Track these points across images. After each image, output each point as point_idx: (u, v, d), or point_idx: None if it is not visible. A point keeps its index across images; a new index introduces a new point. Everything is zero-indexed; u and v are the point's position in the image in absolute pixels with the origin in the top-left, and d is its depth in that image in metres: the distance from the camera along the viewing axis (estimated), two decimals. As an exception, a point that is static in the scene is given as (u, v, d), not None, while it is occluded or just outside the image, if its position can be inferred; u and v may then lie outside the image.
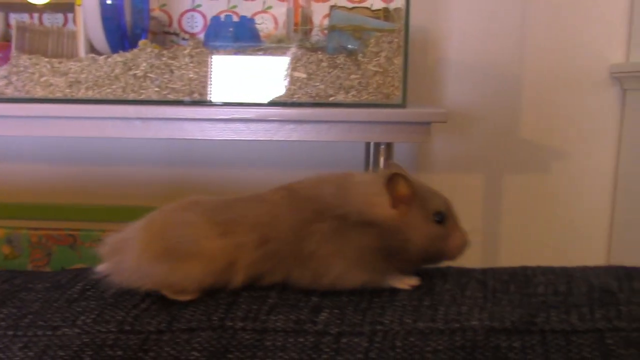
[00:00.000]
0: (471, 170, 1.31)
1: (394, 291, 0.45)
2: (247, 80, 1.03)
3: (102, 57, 1.02)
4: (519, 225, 1.31)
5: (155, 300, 0.45)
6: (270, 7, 1.23)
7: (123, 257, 0.45)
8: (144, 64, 1.02)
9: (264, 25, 1.22)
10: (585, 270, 0.46)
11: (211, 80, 1.03)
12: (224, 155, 1.32)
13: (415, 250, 0.45)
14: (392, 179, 0.45)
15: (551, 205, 1.30)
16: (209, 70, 1.03)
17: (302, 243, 0.44)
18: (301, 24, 1.19)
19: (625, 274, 0.45)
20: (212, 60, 1.02)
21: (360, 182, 0.47)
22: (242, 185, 1.29)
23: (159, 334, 0.41)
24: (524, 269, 0.47)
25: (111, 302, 0.45)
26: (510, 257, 1.30)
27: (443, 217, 0.47)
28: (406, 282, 0.46)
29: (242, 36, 1.05)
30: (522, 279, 0.45)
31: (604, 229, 1.31)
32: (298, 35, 1.18)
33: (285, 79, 1.04)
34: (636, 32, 1.25)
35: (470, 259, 0.50)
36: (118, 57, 1.02)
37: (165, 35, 1.22)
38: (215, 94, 1.03)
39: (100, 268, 0.47)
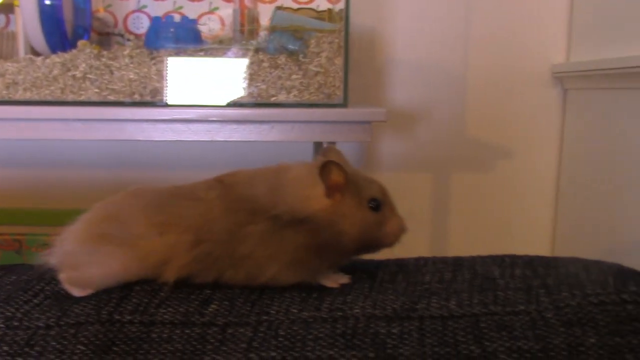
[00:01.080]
0: (419, 169, 1.33)
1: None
2: (188, 81, 1.03)
3: (40, 58, 1.01)
4: (466, 222, 1.33)
5: (49, 295, 0.45)
6: (216, 8, 1.23)
7: (62, 244, 0.46)
8: (83, 65, 1.01)
9: (210, 26, 1.22)
10: (474, 259, 0.47)
11: (152, 81, 1.03)
12: (170, 157, 1.32)
13: (349, 240, 0.45)
14: (325, 168, 0.44)
15: (497, 202, 1.33)
16: (149, 71, 1.02)
17: (236, 245, 0.44)
18: (247, 25, 1.20)
19: (510, 262, 0.47)
20: (152, 61, 1.02)
21: (293, 176, 0.47)
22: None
23: (47, 329, 0.41)
24: (417, 259, 0.49)
25: (3, 298, 0.44)
26: (457, 254, 1.32)
27: (378, 204, 0.46)
28: (336, 281, 0.46)
29: (183, 37, 1.05)
30: (411, 269, 0.46)
31: (548, 225, 1.34)
32: (244, 36, 1.19)
33: (226, 80, 1.04)
34: (576, 32, 1.28)
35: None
36: (56, 58, 1.01)
37: (110, 36, 1.21)
38: (156, 94, 1.03)
39: (46, 252, 0.47)
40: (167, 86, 1.03)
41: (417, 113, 1.31)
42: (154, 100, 1.03)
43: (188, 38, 1.06)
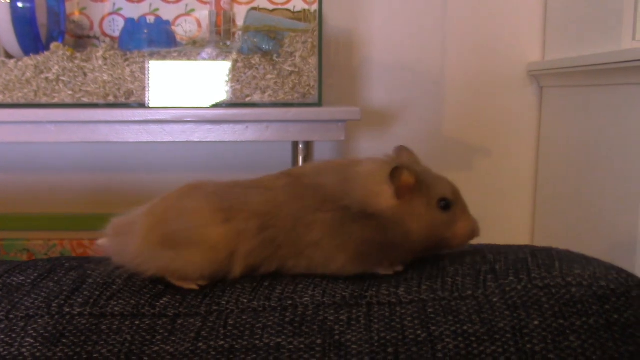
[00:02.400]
0: (397, 168, 1.33)
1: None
2: (162, 82, 1.03)
3: (12, 61, 1.01)
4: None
5: (1, 288, 0.45)
6: (192, 10, 1.24)
7: (126, 241, 0.45)
8: (56, 67, 1.01)
9: (185, 27, 1.22)
10: (427, 249, 0.48)
11: (126, 83, 1.03)
12: (148, 159, 1.31)
13: (416, 240, 0.45)
14: (395, 172, 0.44)
15: (476, 200, 1.33)
16: (123, 72, 1.03)
17: (303, 232, 0.43)
18: (224, 27, 1.20)
19: (461, 250, 0.47)
20: (126, 62, 1.02)
21: (365, 170, 0.46)
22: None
23: (-4, 323, 0.41)
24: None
25: (-46, 294, 0.44)
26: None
27: (448, 203, 0.46)
28: (392, 269, 0.45)
29: (157, 38, 1.05)
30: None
31: (527, 221, 1.34)
32: (221, 37, 1.19)
33: (200, 80, 1.04)
34: (551, 31, 1.30)
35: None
36: (29, 61, 1.01)
37: (85, 39, 1.21)
38: (130, 96, 1.03)
39: (101, 242, 0.46)
40: (141, 88, 1.03)
41: (395, 113, 1.32)
42: (129, 101, 1.03)
43: (162, 39, 1.06)
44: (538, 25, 1.31)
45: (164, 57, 1.03)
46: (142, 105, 1.03)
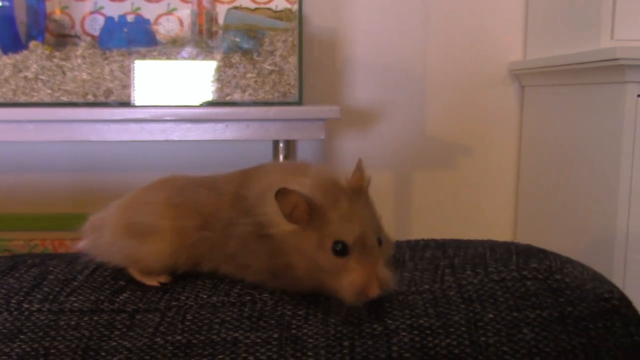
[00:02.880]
0: (380, 167, 1.34)
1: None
2: (141, 80, 1.03)
3: (-10, 60, 1.01)
4: (429, 219, 1.34)
5: (-39, 287, 0.45)
6: (174, 9, 1.23)
7: (100, 234, 0.46)
8: (35, 66, 1.01)
9: (167, 26, 1.22)
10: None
11: (105, 82, 1.02)
12: (129, 159, 1.31)
13: (300, 277, 0.40)
14: (279, 195, 0.39)
15: (458, 198, 1.34)
16: (102, 71, 1.02)
17: (225, 242, 0.43)
18: (205, 26, 1.20)
19: (423, 245, 0.47)
20: (105, 61, 1.02)
21: (274, 185, 0.41)
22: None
23: (-45, 319, 0.41)
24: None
25: None
26: (420, 251, 1.33)
27: (344, 249, 0.39)
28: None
29: (137, 37, 1.05)
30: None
31: (509, 219, 1.35)
32: (203, 36, 1.19)
33: (180, 79, 1.04)
34: (532, 31, 1.30)
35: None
36: (7, 59, 1.00)
37: (67, 38, 1.21)
38: (110, 95, 1.03)
39: (80, 245, 0.47)
40: (120, 86, 1.03)
41: (377, 112, 1.32)
42: (108, 100, 1.03)
43: (142, 38, 1.06)
44: (519, 25, 1.32)
45: (143, 56, 1.03)
46: (121, 104, 1.03)
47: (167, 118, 1.01)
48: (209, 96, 1.04)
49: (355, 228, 0.39)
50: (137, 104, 1.02)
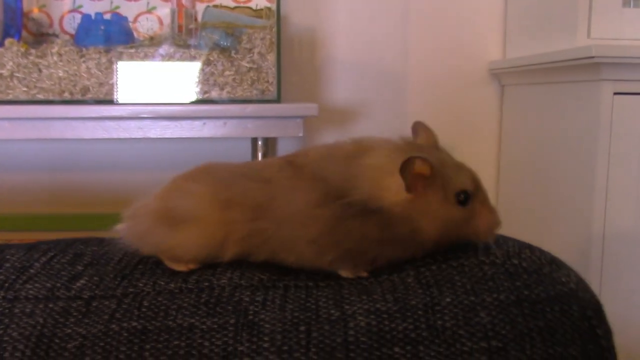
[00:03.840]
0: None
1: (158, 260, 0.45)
2: (118, 78, 1.02)
3: (-35, 57, 1.00)
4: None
5: None
6: (154, 8, 1.23)
7: (136, 221, 0.45)
8: (10, 63, 1.00)
9: (146, 25, 1.21)
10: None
11: (82, 79, 1.02)
12: (106, 157, 1.30)
13: (428, 238, 0.41)
14: (406, 165, 0.39)
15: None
16: (79, 69, 1.02)
17: (297, 227, 0.41)
18: (185, 24, 1.19)
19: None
20: (82, 59, 1.01)
21: (371, 163, 0.42)
22: (132, 188, 1.28)
23: None
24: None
25: None
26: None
27: (467, 197, 0.41)
28: (355, 273, 0.42)
29: (114, 35, 1.04)
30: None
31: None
32: (182, 35, 1.19)
33: (158, 77, 1.04)
34: (511, 30, 1.31)
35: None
36: (-18, 57, 1.00)
37: (45, 36, 1.20)
38: (86, 92, 1.02)
39: (118, 227, 0.46)
40: (97, 84, 1.02)
41: (358, 110, 1.33)
42: (84, 98, 1.02)
43: (119, 36, 1.05)
44: (499, 24, 1.33)
45: (120, 54, 1.02)
46: (98, 101, 1.02)
47: (145, 115, 1.01)
48: (187, 94, 1.04)
49: (469, 174, 0.43)
50: (114, 101, 1.02)
